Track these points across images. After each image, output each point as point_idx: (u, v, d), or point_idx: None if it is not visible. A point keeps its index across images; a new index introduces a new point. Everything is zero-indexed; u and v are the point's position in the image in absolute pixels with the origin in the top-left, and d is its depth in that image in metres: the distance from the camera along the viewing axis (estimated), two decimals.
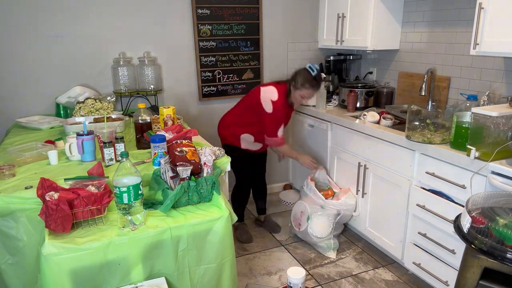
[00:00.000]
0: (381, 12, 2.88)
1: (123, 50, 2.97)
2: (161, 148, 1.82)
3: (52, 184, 1.49)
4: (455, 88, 2.64)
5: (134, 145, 2.13)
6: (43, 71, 2.82)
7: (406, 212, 2.40)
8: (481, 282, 1.47)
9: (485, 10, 1.99)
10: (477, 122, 1.93)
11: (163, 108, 2.15)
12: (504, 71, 2.32)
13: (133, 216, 1.42)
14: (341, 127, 2.90)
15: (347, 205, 2.78)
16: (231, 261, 1.58)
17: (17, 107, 2.80)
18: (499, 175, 1.80)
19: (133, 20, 2.97)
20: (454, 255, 2.10)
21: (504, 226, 1.39)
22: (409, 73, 3.00)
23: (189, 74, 3.24)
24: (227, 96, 3.39)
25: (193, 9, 3.11)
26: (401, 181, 2.41)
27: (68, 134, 2.17)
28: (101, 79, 2.98)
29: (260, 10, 3.34)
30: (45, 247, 1.30)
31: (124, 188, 1.36)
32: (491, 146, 1.87)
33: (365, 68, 3.49)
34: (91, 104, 2.60)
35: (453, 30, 2.60)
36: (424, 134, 2.24)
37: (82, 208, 1.40)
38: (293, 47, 3.56)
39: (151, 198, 1.66)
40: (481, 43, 2.03)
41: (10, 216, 1.55)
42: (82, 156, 1.91)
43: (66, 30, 2.81)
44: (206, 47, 3.22)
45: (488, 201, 1.57)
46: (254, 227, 3.16)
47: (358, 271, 2.60)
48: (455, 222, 1.59)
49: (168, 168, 1.59)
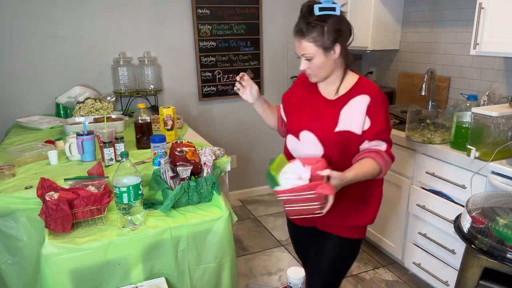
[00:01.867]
0: (381, 12, 2.88)
1: (123, 50, 2.97)
2: (161, 148, 1.82)
3: (52, 184, 1.49)
4: (455, 88, 2.63)
5: (134, 145, 2.13)
6: (43, 71, 2.82)
7: (406, 212, 2.40)
8: (481, 282, 1.47)
9: (485, 10, 1.99)
10: (477, 122, 1.93)
11: (163, 108, 2.15)
12: (504, 71, 2.32)
13: (133, 216, 1.42)
14: None
15: None
16: (231, 261, 1.58)
17: (17, 107, 2.80)
18: (499, 175, 1.80)
19: (133, 20, 2.97)
20: (454, 255, 2.10)
21: (504, 226, 1.39)
22: (409, 73, 3.00)
23: (189, 74, 3.24)
24: (227, 96, 3.39)
25: (193, 9, 3.10)
26: (401, 181, 2.41)
27: (68, 134, 2.17)
28: (101, 79, 2.98)
29: (260, 10, 3.34)
30: (45, 247, 1.30)
31: (124, 188, 1.36)
32: (491, 146, 1.87)
33: (365, 68, 3.49)
34: (91, 104, 2.60)
35: (453, 30, 2.60)
36: (424, 134, 2.24)
37: (82, 208, 1.40)
38: (293, 47, 3.54)
39: (151, 198, 1.66)
40: (481, 43, 2.03)
41: (10, 216, 1.55)
42: (82, 156, 1.91)
43: (66, 30, 2.81)
44: (206, 47, 3.22)
45: (488, 201, 1.57)
46: (254, 227, 3.16)
47: (358, 271, 2.59)
48: (455, 222, 1.59)
49: (168, 168, 1.59)
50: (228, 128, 3.50)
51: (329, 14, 1.35)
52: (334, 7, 1.37)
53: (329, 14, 1.35)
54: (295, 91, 1.62)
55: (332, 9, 1.36)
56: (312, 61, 1.41)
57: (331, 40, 1.36)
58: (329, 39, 1.36)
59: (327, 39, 1.36)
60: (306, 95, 1.55)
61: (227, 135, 3.50)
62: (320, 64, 1.41)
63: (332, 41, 1.36)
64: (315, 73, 1.45)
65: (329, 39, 1.36)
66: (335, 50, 1.39)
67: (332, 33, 1.35)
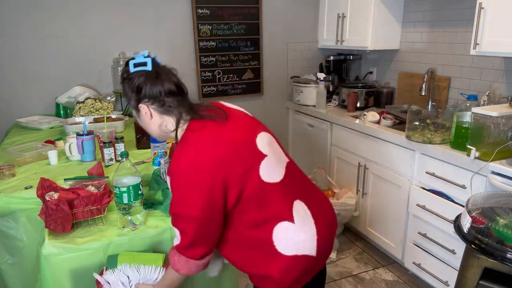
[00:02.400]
0: (381, 12, 2.88)
1: (123, 50, 2.97)
2: (161, 148, 1.82)
3: (52, 184, 1.49)
4: (455, 88, 2.63)
5: (134, 145, 2.13)
6: (43, 71, 2.82)
7: (406, 212, 2.40)
8: (481, 282, 1.47)
9: (485, 10, 1.99)
10: (477, 122, 1.93)
11: None
12: (504, 71, 2.32)
13: (133, 216, 1.42)
14: (341, 127, 2.90)
15: (347, 205, 2.77)
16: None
17: (17, 107, 2.80)
18: (499, 175, 1.80)
19: (133, 20, 2.97)
20: (454, 255, 2.10)
21: (504, 226, 1.39)
22: (409, 73, 3.00)
23: (189, 74, 3.24)
24: (227, 96, 3.39)
25: (193, 9, 3.10)
26: (401, 181, 2.41)
27: (68, 134, 2.17)
28: (101, 79, 2.98)
29: (260, 10, 3.33)
30: (45, 247, 1.30)
31: (124, 188, 1.36)
32: (491, 146, 1.87)
33: (365, 68, 3.49)
34: (91, 104, 2.60)
35: (453, 30, 2.60)
36: (424, 134, 2.24)
37: (82, 208, 1.40)
38: (293, 47, 3.56)
39: (151, 198, 1.66)
40: (481, 43, 2.03)
41: (10, 216, 1.55)
42: (82, 156, 1.91)
43: (66, 30, 2.81)
44: (206, 47, 3.22)
45: (488, 201, 1.57)
46: None
47: (358, 271, 2.59)
48: (455, 222, 1.59)
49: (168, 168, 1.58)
50: None
51: (140, 70, 1.17)
52: (145, 62, 1.17)
53: (141, 70, 1.17)
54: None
55: (143, 64, 1.17)
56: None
57: (134, 100, 1.19)
58: (131, 99, 1.20)
59: (131, 99, 1.20)
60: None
61: None
62: (142, 125, 1.27)
63: (136, 101, 1.19)
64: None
65: (131, 99, 1.20)
66: (144, 110, 1.19)
67: (134, 92, 1.18)
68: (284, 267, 1.16)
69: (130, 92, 1.19)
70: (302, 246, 1.17)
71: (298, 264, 1.17)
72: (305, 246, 1.18)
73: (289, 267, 1.16)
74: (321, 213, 1.27)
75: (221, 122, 1.18)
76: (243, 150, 1.15)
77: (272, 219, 1.16)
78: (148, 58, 1.18)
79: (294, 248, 1.16)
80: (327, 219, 1.30)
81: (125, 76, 1.20)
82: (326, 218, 1.29)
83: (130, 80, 1.18)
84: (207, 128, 1.15)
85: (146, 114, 1.20)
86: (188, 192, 1.09)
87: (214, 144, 1.12)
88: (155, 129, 1.24)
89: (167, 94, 1.18)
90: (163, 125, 1.22)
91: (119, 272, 1.29)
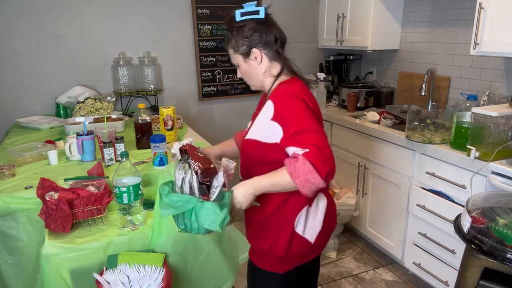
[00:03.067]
0: (381, 12, 2.88)
1: (123, 50, 2.97)
2: (161, 148, 1.81)
3: (52, 184, 1.49)
4: (455, 88, 2.63)
5: (134, 145, 2.13)
6: (43, 71, 2.82)
7: (406, 212, 2.40)
8: (481, 282, 1.47)
9: (485, 10, 1.99)
10: (477, 122, 1.93)
11: (163, 108, 2.15)
12: (504, 71, 2.32)
13: (133, 216, 1.42)
14: (341, 127, 2.90)
15: (347, 205, 2.78)
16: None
17: (17, 107, 2.80)
18: (499, 175, 1.80)
19: (133, 20, 2.97)
20: (454, 255, 2.10)
21: (504, 226, 1.39)
22: (409, 73, 3.00)
23: (189, 74, 3.24)
24: (227, 96, 3.39)
25: (193, 9, 3.10)
26: (401, 181, 2.41)
27: (68, 134, 2.17)
28: (101, 79, 2.97)
29: None
30: (45, 247, 1.30)
31: (124, 188, 1.36)
32: (491, 146, 1.87)
33: (365, 68, 3.49)
34: (91, 104, 2.60)
35: (453, 30, 2.60)
36: (424, 134, 2.24)
37: (82, 208, 1.40)
38: (293, 47, 3.56)
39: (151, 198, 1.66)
40: (481, 43, 2.03)
41: (10, 216, 1.55)
42: (82, 156, 1.91)
43: (66, 30, 2.81)
44: (206, 47, 3.22)
45: (488, 201, 1.57)
46: None
47: (358, 271, 2.59)
48: (455, 222, 1.59)
49: (194, 177, 1.19)
50: (228, 128, 3.49)
51: (251, 18, 1.26)
52: (258, 10, 1.25)
53: (252, 18, 1.26)
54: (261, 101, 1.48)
55: (255, 12, 1.25)
56: (239, 69, 1.35)
57: (246, 46, 1.27)
58: (244, 45, 1.27)
59: (242, 45, 1.28)
60: (260, 104, 1.43)
61: (227, 135, 3.49)
62: (245, 71, 1.34)
63: (248, 46, 1.27)
64: (248, 81, 1.37)
65: (244, 45, 1.27)
66: (255, 55, 1.28)
67: (247, 38, 1.26)
68: (288, 242, 1.29)
69: (241, 38, 1.27)
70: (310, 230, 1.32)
71: (298, 244, 1.30)
72: (311, 232, 1.32)
73: (293, 243, 1.29)
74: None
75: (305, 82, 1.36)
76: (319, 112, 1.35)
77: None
78: (261, 7, 1.27)
79: (306, 230, 1.31)
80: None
81: (234, 25, 1.27)
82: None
83: (241, 27, 1.26)
84: (300, 82, 1.34)
85: (256, 59, 1.30)
86: (300, 112, 1.21)
87: (309, 91, 1.32)
88: (260, 73, 1.32)
89: (278, 41, 1.30)
90: (268, 71, 1.32)
91: (119, 272, 1.29)
